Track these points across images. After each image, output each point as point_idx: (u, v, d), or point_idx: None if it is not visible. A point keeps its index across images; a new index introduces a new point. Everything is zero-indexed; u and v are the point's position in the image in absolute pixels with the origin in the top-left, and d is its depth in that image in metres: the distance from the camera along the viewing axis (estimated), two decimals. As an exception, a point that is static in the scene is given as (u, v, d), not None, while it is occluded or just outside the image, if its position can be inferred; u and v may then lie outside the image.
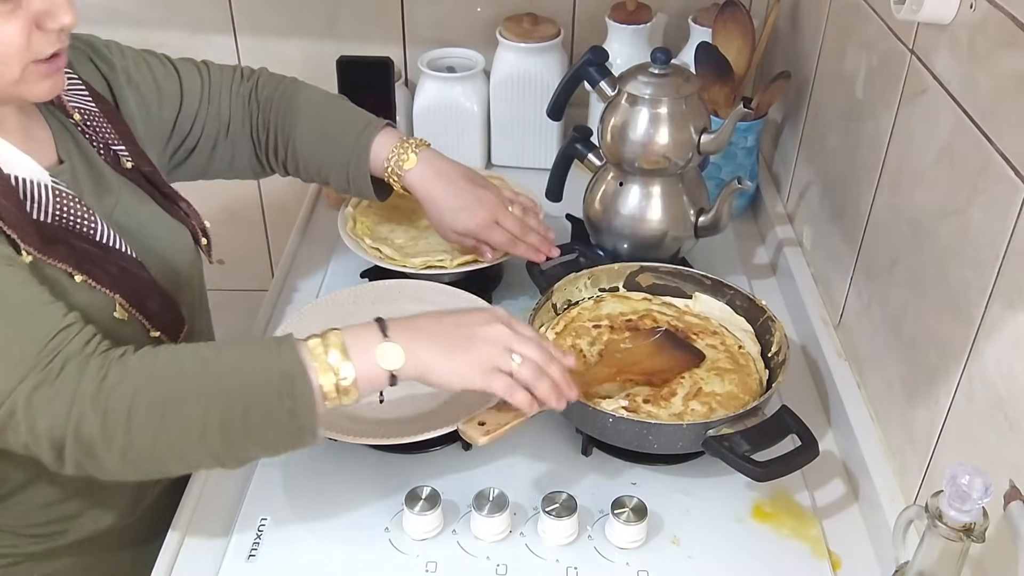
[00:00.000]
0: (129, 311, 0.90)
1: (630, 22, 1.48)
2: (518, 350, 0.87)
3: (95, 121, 0.97)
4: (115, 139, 0.99)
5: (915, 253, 0.95)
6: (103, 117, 0.98)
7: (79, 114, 0.96)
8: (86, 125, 0.96)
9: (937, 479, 0.87)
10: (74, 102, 0.96)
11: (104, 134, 0.98)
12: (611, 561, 0.92)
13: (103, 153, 0.98)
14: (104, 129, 0.98)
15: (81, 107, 0.97)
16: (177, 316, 0.98)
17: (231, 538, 0.94)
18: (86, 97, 0.98)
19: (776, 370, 1.05)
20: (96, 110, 0.98)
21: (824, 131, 1.27)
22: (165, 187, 1.04)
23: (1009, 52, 0.77)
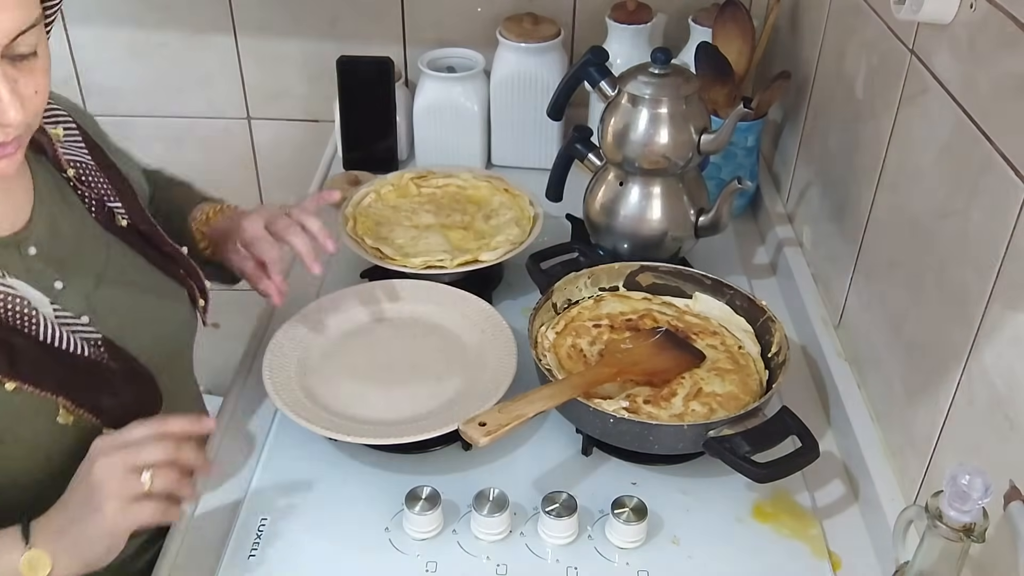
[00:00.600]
0: (75, 412, 0.84)
1: (630, 22, 1.48)
2: (141, 462, 0.81)
3: (91, 176, 0.93)
4: (111, 195, 0.95)
5: (915, 253, 0.95)
6: (99, 171, 0.94)
7: (73, 168, 0.92)
8: (79, 181, 0.93)
9: (937, 479, 0.87)
10: (70, 154, 0.92)
11: (99, 189, 0.94)
12: (611, 561, 0.92)
13: (95, 211, 0.94)
14: (100, 184, 0.94)
15: (77, 160, 0.93)
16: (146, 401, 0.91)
17: (231, 538, 0.94)
18: (82, 149, 0.94)
19: (776, 370, 1.05)
20: (92, 163, 0.94)
21: (824, 131, 1.27)
22: (165, 246, 1.00)
23: (1009, 52, 0.77)
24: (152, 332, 0.95)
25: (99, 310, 0.90)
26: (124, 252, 0.95)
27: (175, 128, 1.79)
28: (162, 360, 0.96)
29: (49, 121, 0.91)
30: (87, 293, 0.89)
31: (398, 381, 1.08)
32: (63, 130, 0.92)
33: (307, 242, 1.05)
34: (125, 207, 0.95)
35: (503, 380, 1.04)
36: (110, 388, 0.87)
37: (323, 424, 0.99)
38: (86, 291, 0.89)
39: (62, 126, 0.93)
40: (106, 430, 0.86)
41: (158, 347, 0.95)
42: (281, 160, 1.81)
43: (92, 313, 0.89)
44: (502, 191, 1.38)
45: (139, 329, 0.93)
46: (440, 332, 1.16)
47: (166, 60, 1.70)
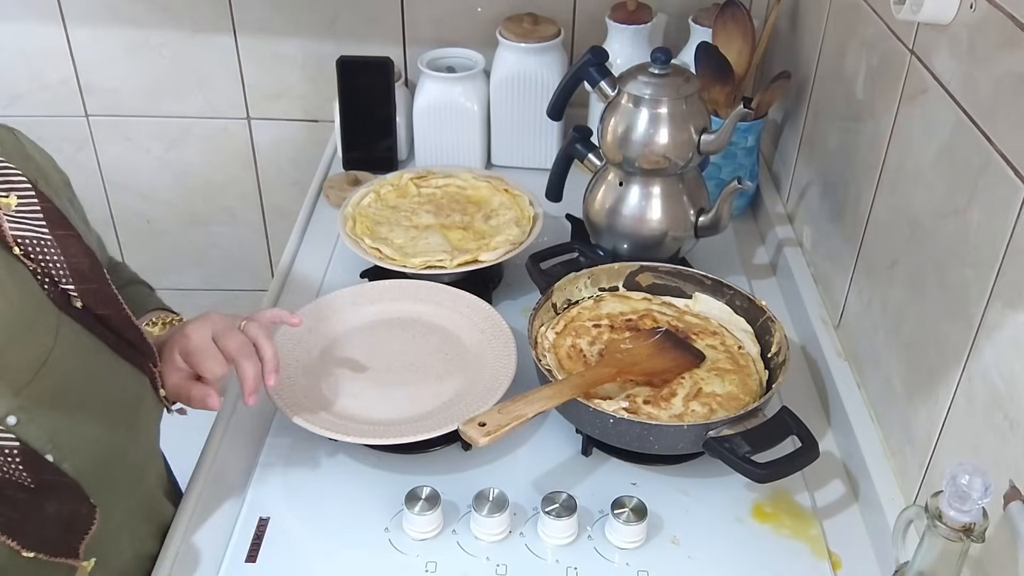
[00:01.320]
0: None
1: (630, 22, 1.48)
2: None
3: (43, 251, 0.81)
4: (63, 274, 0.82)
5: (915, 253, 0.95)
6: (55, 246, 0.82)
7: (19, 246, 0.80)
8: (28, 257, 0.81)
9: (937, 479, 0.87)
10: (19, 227, 0.80)
11: (51, 266, 0.82)
12: (611, 561, 0.92)
13: (48, 288, 0.82)
14: (52, 260, 0.82)
15: (25, 235, 0.80)
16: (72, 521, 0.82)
17: (231, 538, 0.94)
18: (37, 219, 0.82)
19: (776, 371, 1.05)
20: (48, 237, 0.81)
21: (824, 131, 1.27)
22: (128, 331, 0.88)
23: (1009, 52, 0.77)
24: (95, 430, 0.85)
25: (29, 408, 0.78)
26: (77, 336, 0.84)
27: (175, 128, 1.79)
28: (106, 460, 0.86)
29: (2, 190, 0.81)
30: (19, 389, 0.78)
31: (398, 381, 1.08)
32: (16, 199, 0.81)
33: (257, 371, 0.94)
34: (79, 288, 0.84)
35: (503, 380, 1.04)
36: (25, 507, 0.78)
37: (323, 424, 0.99)
38: (19, 387, 0.78)
39: (16, 194, 0.81)
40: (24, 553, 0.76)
41: (100, 445, 0.85)
42: (281, 160, 1.81)
43: (19, 411, 0.78)
44: (502, 191, 1.38)
45: (77, 428, 0.83)
46: (440, 332, 1.16)
47: (166, 60, 1.70)
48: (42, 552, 0.78)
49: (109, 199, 1.86)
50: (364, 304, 1.19)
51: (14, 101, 1.72)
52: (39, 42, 1.68)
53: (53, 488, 0.80)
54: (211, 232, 1.91)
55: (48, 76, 1.71)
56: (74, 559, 0.81)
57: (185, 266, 1.95)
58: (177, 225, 1.90)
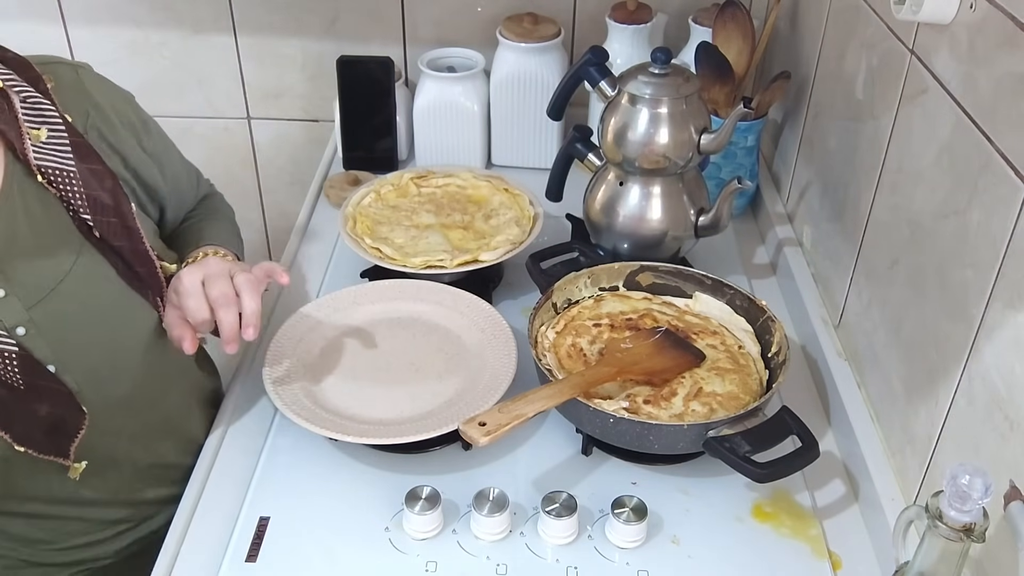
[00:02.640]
0: None
1: (630, 22, 1.48)
2: None
3: (64, 182, 0.88)
4: (82, 206, 0.89)
5: (915, 253, 0.95)
6: (78, 179, 0.88)
7: (42, 175, 0.87)
8: (51, 185, 0.88)
9: (937, 479, 0.87)
10: (44, 158, 0.87)
11: (71, 197, 0.89)
12: (611, 561, 0.92)
13: (73, 214, 0.90)
14: (73, 193, 0.89)
15: (49, 165, 0.87)
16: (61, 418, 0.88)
17: (231, 538, 0.94)
18: (65, 152, 0.88)
19: (776, 370, 1.05)
20: (72, 169, 0.88)
21: (824, 131, 1.27)
22: (139, 265, 0.94)
23: (1009, 52, 0.77)
24: (97, 352, 0.91)
25: (39, 322, 0.86)
26: (95, 261, 0.91)
27: (175, 128, 1.77)
28: (112, 372, 0.93)
29: (34, 121, 0.87)
30: (32, 304, 0.86)
31: (398, 381, 1.08)
32: (47, 132, 0.88)
33: (235, 322, 0.94)
34: (95, 219, 0.90)
35: (503, 380, 1.04)
36: (19, 408, 0.85)
37: (323, 424, 0.99)
38: (31, 302, 0.86)
39: (47, 127, 0.88)
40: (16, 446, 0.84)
41: (101, 366, 0.92)
42: (281, 160, 1.81)
43: (29, 324, 0.86)
44: (502, 191, 1.38)
45: (80, 347, 0.89)
46: (440, 332, 1.16)
47: (166, 60, 1.70)
48: (31, 448, 0.86)
49: (109, 199, 1.86)
50: (364, 304, 1.19)
51: (14, 101, 1.72)
52: (39, 42, 1.67)
53: (45, 392, 0.86)
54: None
55: (48, 76, 1.71)
56: (64, 459, 0.89)
57: (185, 266, 1.95)
58: (177, 225, 1.90)
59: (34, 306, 0.86)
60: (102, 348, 0.92)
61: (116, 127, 0.97)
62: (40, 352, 0.87)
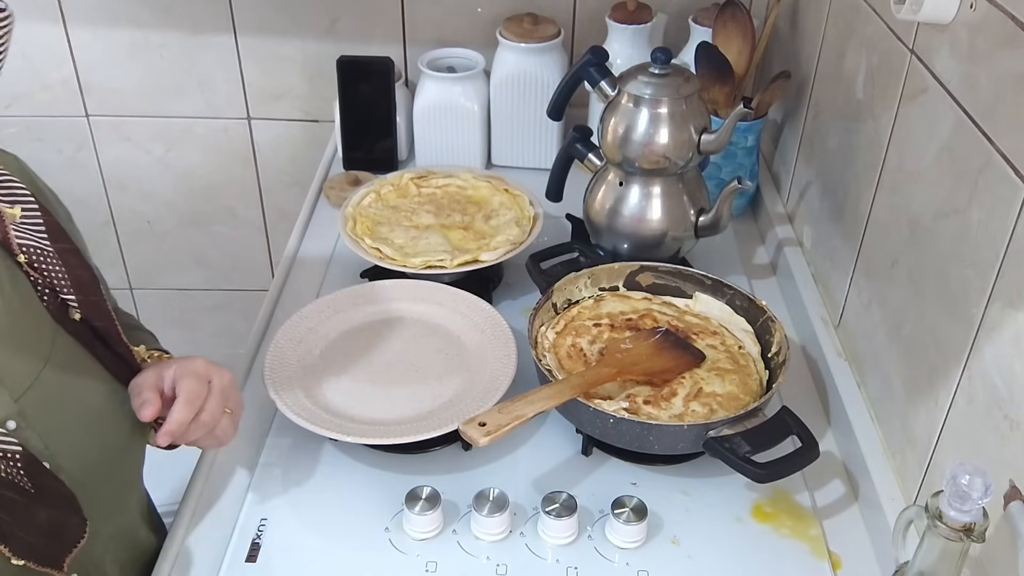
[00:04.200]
0: None
1: (630, 22, 1.48)
2: None
3: (45, 262, 0.83)
4: (65, 285, 0.84)
5: (915, 253, 0.95)
6: (56, 258, 0.84)
7: (25, 254, 0.82)
8: (31, 267, 0.82)
9: (937, 479, 0.87)
10: (23, 238, 0.82)
11: (53, 278, 0.83)
12: (611, 561, 0.92)
13: (47, 300, 0.84)
14: (54, 272, 0.84)
15: (30, 244, 0.82)
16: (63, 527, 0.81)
17: (231, 538, 0.94)
18: (40, 232, 0.84)
19: (776, 371, 1.05)
20: (50, 249, 0.84)
21: (824, 131, 1.27)
22: (119, 346, 0.89)
23: (1009, 52, 0.77)
24: (88, 440, 0.86)
25: (28, 413, 0.79)
26: (72, 349, 0.86)
27: (175, 128, 1.79)
28: (96, 473, 0.86)
29: (5, 200, 0.83)
30: (19, 395, 0.79)
31: (398, 381, 1.08)
32: (21, 210, 0.83)
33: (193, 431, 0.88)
34: (79, 300, 0.85)
35: (503, 380, 1.04)
36: (22, 514, 0.78)
37: (323, 424, 0.99)
38: (18, 392, 0.79)
39: (20, 206, 0.83)
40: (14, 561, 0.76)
41: (91, 456, 0.86)
42: (281, 160, 1.81)
43: (19, 417, 0.79)
44: (502, 191, 1.38)
45: (72, 437, 0.84)
46: (440, 332, 1.16)
47: (166, 60, 1.70)
48: (31, 560, 0.77)
49: (109, 199, 1.86)
50: (364, 304, 1.19)
51: (14, 101, 1.72)
52: (39, 42, 1.68)
53: (49, 495, 0.80)
54: (211, 232, 1.91)
55: (48, 76, 1.71)
56: (59, 571, 0.80)
57: (185, 266, 1.95)
58: (177, 225, 1.90)
59: (21, 396, 0.79)
60: (90, 438, 0.86)
61: (58, 212, 0.93)
62: (33, 446, 0.79)
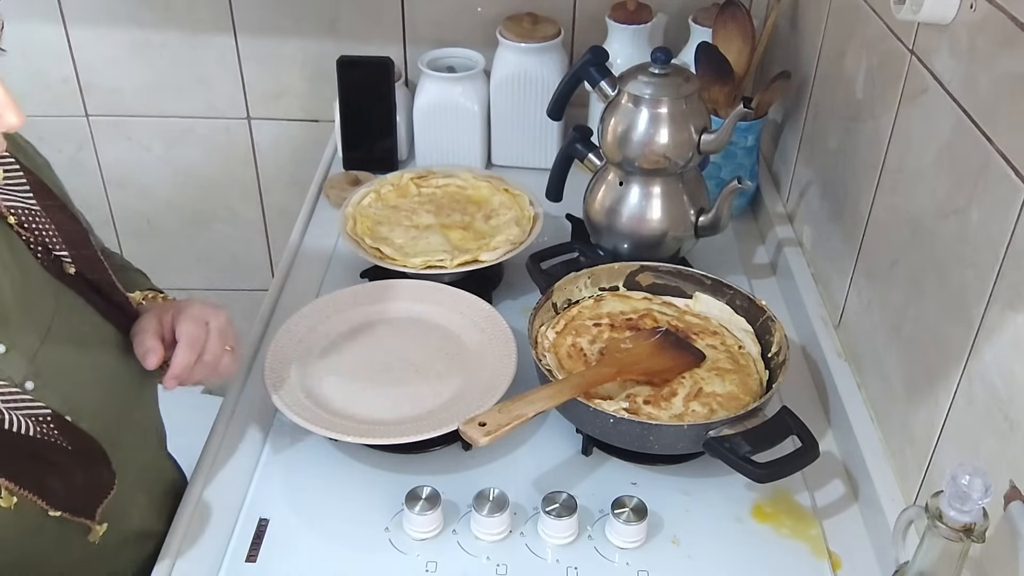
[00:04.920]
0: (19, 495, 0.77)
1: (630, 22, 1.48)
2: None
3: (34, 221, 0.85)
4: (56, 241, 0.86)
5: (915, 253, 0.95)
6: (44, 216, 0.85)
7: (14, 215, 0.83)
8: (22, 227, 0.84)
9: (937, 479, 0.87)
10: (9, 199, 0.83)
11: (44, 235, 0.85)
12: (611, 561, 0.92)
13: (41, 257, 0.85)
14: (44, 229, 0.85)
15: (17, 205, 0.84)
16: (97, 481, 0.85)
17: (231, 538, 0.94)
18: (26, 192, 0.85)
19: (776, 371, 1.05)
20: (36, 207, 0.85)
21: (824, 131, 1.27)
22: (116, 295, 0.91)
23: (1009, 52, 0.77)
24: (103, 391, 0.88)
25: (44, 372, 0.82)
26: (73, 303, 0.87)
27: (175, 128, 1.79)
28: (115, 421, 0.89)
29: None
30: (32, 354, 0.81)
31: (398, 381, 1.08)
32: (3, 172, 0.84)
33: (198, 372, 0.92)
34: (71, 254, 0.87)
35: (503, 380, 1.04)
36: (60, 469, 0.81)
37: (323, 424, 0.99)
38: (31, 351, 0.81)
39: (2, 168, 0.84)
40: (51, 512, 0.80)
41: (109, 406, 0.88)
42: (281, 160, 1.81)
43: (36, 377, 0.81)
44: (502, 191, 1.38)
45: (87, 390, 0.86)
46: (440, 332, 1.16)
47: (166, 60, 1.70)
48: (67, 512, 0.81)
49: (109, 199, 1.86)
50: (364, 304, 1.19)
51: (14, 101, 1.72)
52: (39, 42, 1.68)
53: (83, 451, 0.83)
54: (211, 232, 1.91)
55: (48, 76, 1.71)
56: (91, 520, 0.85)
57: (185, 266, 1.95)
58: (177, 225, 1.90)
59: (34, 356, 0.81)
60: (103, 389, 0.88)
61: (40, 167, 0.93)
62: (54, 403, 0.81)
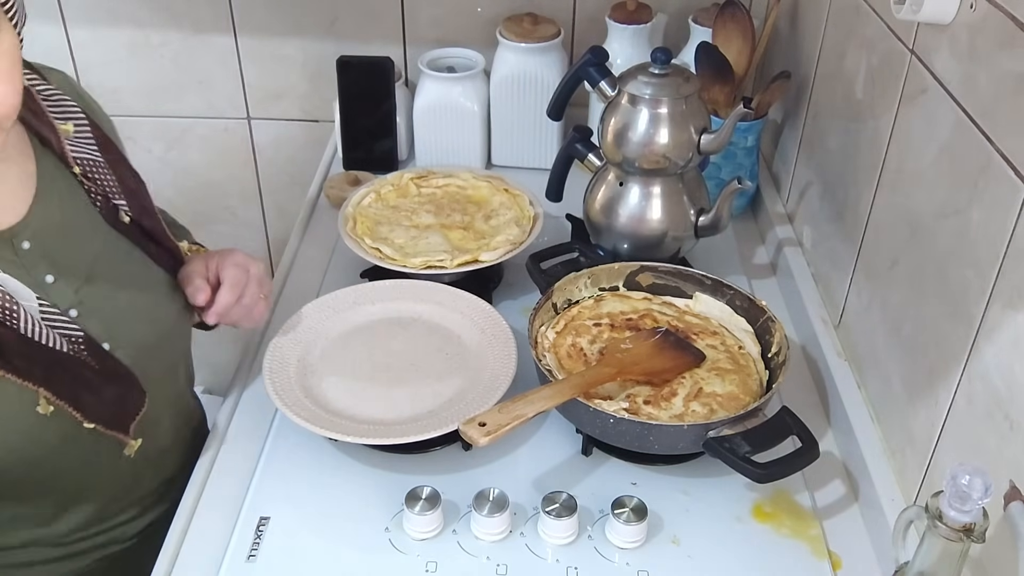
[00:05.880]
0: (56, 404, 0.86)
1: (630, 22, 1.48)
2: None
3: (98, 173, 0.95)
4: (116, 192, 0.96)
5: (915, 253, 0.95)
6: (107, 168, 0.95)
7: (79, 166, 0.93)
8: (86, 177, 0.94)
9: (937, 479, 0.87)
10: (77, 151, 0.93)
11: (106, 186, 0.95)
12: (611, 561, 0.92)
13: (100, 205, 0.95)
14: (107, 181, 0.95)
15: (84, 156, 0.94)
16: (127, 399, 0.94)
17: (231, 538, 0.94)
18: (92, 145, 0.95)
19: (776, 371, 1.05)
20: (101, 160, 0.95)
21: (824, 131, 1.27)
22: (167, 241, 1.02)
23: (1009, 52, 0.77)
24: (142, 326, 0.96)
25: (87, 303, 0.91)
26: (124, 247, 0.97)
27: (175, 128, 1.79)
28: (150, 353, 0.97)
29: (59, 116, 0.93)
30: (77, 287, 0.90)
31: (398, 381, 1.08)
32: (73, 126, 0.93)
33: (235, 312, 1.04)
34: (130, 204, 0.97)
35: (503, 380, 1.04)
36: (90, 385, 0.89)
37: (323, 424, 0.99)
38: (76, 285, 0.90)
39: (72, 122, 0.94)
40: (86, 424, 0.88)
41: (147, 339, 0.97)
42: (281, 160, 1.81)
43: (80, 306, 0.90)
44: (502, 191, 1.38)
45: (127, 323, 0.94)
46: (440, 332, 1.16)
47: (166, 60, 1.70)
48: (100, 424, 0.90)
49: (109, 199, 1.86)
50: (364, 304, 1.19)
51: (14, 101, 1.72)
52: (39, 42, 1.67)
53: (111, 372, 0.91)
54: (211, 232, 1.90)
55: (48, 76, 1.71)
56: (125, 435, 0.93)
57: (185, 266, 1.95)
58: (177, 225, 1.90)
59: (80, 288, 0.90)
60: (143, 323, 0.96)
61: (103, 124, 1.01)
62: (93, 331, 0.90)
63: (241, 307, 1.03)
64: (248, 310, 1.05)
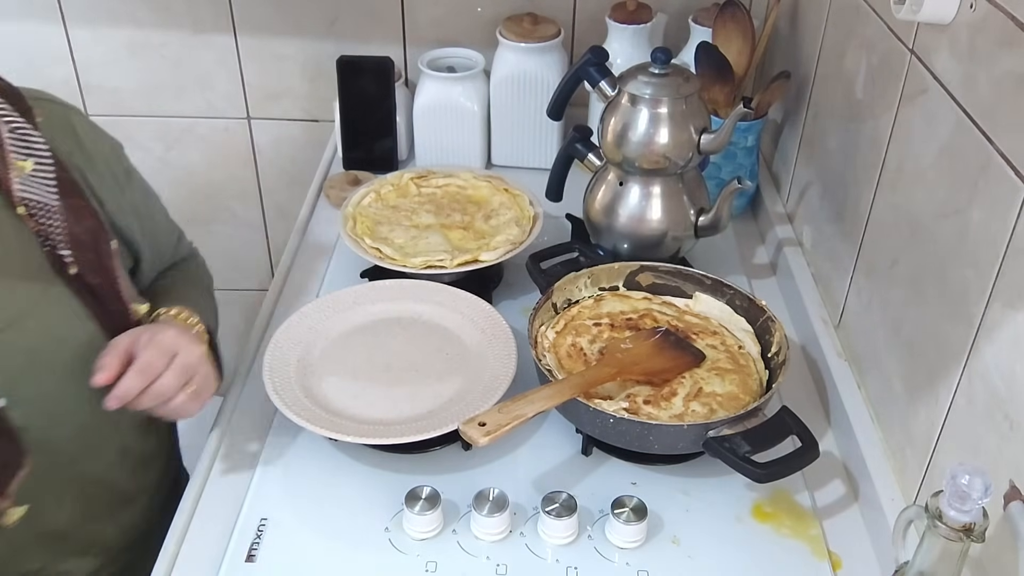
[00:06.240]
0: None
1: (630, 22, 1.48)
2: None
3: (47, 217, 0.88)
4: (61, 241, 0.88)
5: (915, 253, 0.95)
6: (60, 214, 0.88)
7: (24, 207, 0.86)
8: (32, 218, 0.87)
9: (937, 479, 0.87)
10: (28, 191, 0.87)
11: (51, 232, 0.88)
12: (611, 561, 0.92)
13: (48, 249, 0.88)
14: (55, 227, 0.88)
15: (32, 198, 0.87)
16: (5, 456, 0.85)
17: (231, 538, 0.94)
18: (49, 187, 0.88)
19: (776, 371, 1.05)
20: (55, 204, 0.88)
21: (824, 131, 1.27)
22: (115, 303, 0.93)
23: (1009, 52, 0.77)
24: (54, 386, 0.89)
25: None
26: (62, 298, 0.89)
27: (175, 128, 1.79)
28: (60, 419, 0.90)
29: (21, 153, 0.87)
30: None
31: (398, 381, 1.08)
32: (33, 164, 0.87)
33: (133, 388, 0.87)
34: (76, 255, 0.89)
35: (503, 380, 1.04)
36: None
37: (323, 424, 0.99)
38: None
39: (34, 159, 0.87)
40: None
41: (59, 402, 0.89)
42: (281, 160, 1.82)
43: None
44: (502, 191, 1.38)
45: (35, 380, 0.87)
46: (440, 332, 1.16)
47: (166, 60, 1.70)
48: None
49: (109, 199, 1.86)
50: (364, 304, 1.19)
51: (14, 101, 1.73)
52: (39, 42, 1.68)
53: None
54: (211, 232, 1.91)
55: (48, 76, 1.71)
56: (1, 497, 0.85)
57: (185, 266, 1.95)
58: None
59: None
60: (61, 386, 0.89)
61: (99, 172, 0.96)
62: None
63: (151, 395, 0.88)
64: (162, 399, 0.89)
